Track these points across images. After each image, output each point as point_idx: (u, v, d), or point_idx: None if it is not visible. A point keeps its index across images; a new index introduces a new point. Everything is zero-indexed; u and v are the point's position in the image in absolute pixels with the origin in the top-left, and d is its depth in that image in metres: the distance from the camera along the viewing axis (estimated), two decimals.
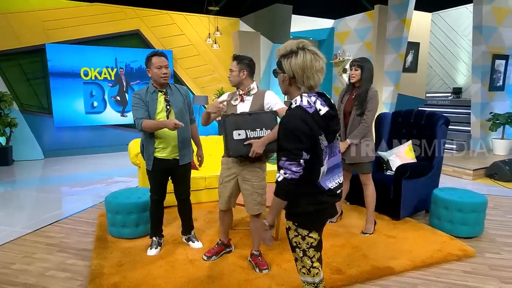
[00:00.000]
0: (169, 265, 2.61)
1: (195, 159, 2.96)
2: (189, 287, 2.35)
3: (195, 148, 2.96)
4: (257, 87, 2.55)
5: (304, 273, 1.73)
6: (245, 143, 2.38)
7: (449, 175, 5.55)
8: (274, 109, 2.44)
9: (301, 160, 1.48)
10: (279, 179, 1.51)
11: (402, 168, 3.44)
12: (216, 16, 7.95)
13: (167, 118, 2.66)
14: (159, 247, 2.88)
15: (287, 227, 1.69)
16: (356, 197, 3.70)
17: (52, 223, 3.54)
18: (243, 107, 2.52)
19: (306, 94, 1.54)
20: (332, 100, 1.63)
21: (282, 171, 1.50)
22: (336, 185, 1.66)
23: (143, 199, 3.13)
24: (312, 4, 7.68)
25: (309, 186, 1.57)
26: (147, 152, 2.72)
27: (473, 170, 5.36)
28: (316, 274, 1.72)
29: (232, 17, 8.44)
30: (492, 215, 3.71)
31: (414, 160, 3.71)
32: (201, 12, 7.84)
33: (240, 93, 2.53)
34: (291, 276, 2.47)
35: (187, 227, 3.00)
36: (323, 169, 1.57)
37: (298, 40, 1.56)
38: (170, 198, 3.03)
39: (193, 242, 2.97)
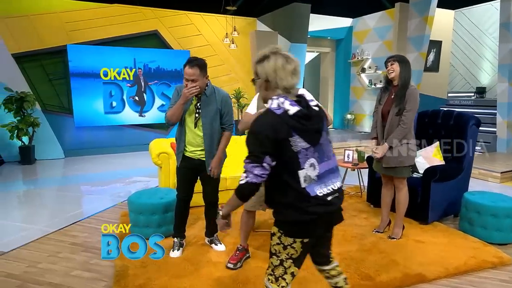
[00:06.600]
0: (193, 268, 2.58)
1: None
2: None
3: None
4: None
5: (270, 281, 1.64)
6: None
7: (475, 177, 5.35)
8: None
9: (265, 164, 1.45)
10: (242, 182, 1.51)
11: (431, 170, 3.32)
12: (233, 16, 7.92)
13: (195, 126, 2.67)
14: (181, 249, 2.85)
15: (272, 232, 1.61)
16: (380, 199, 3.57)
17: (75, 222, 3.57)
18: None
19: (276, 97, 1.52)
20: (316, 101, 1.60)
21: (244, 174, 1.50)
22: (328, 191, 1.54)
23: (166, 199, 3.11)
24: (330, 2, 7.57)
25: (293, 192, 1.50)
26: (177, 149, 2.76)
27: (501, 172, 5.17)
28: (282, 287, 1.62)
29: (250, 17, 8.40)
30: None
31: (442, 162, 3.58)
32: (218, 12, 7.83)
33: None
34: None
35: (212, 230, 2.97)
36: (304, 173, 1.48)
37: (271, 46, 1.58)
38: (194, 199, 2.99)
39: (216, 244, 2.94)
